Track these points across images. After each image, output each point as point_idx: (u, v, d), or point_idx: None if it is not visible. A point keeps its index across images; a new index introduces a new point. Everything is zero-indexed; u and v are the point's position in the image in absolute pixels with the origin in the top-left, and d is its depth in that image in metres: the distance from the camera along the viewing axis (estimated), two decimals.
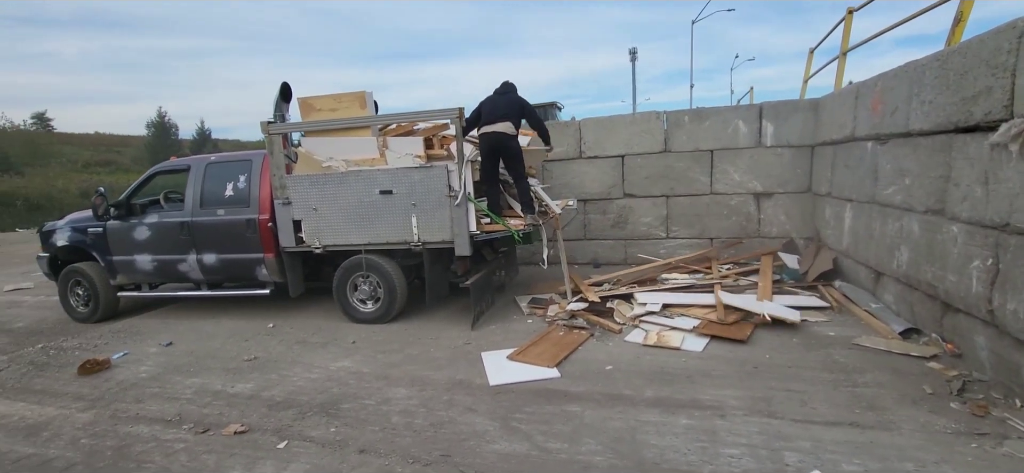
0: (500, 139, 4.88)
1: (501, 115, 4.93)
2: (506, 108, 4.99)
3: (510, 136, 4.90)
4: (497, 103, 5.05)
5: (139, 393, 3.84)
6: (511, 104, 5.02)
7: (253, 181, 5.53)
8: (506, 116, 4.93)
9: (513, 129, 4.93)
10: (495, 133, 4.88)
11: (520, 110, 5.04)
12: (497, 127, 4.89)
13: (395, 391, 3.61)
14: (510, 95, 5.11)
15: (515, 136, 4.97)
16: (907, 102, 4.11)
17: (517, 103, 5.04)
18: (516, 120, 4.98)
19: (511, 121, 4.93)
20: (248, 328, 5.36)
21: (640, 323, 4.67)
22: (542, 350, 4.17)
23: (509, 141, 4.90)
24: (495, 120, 4.92)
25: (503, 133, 4.88)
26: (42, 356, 4.86)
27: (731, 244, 6.75)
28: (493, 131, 4.90)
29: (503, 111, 4.96)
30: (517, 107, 5.02)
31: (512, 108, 4.99)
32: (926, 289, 3.87)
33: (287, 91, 5.42)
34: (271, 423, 3.26)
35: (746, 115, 6.64)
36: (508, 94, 5.12)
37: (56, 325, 6.07)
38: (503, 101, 5.05)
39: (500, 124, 4.90)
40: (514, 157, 4.97)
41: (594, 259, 7.42)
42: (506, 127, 4.89)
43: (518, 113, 5.01)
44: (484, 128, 4.96)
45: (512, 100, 5.06)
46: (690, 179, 6.92)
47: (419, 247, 5.02)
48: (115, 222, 5.94)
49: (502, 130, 4.88)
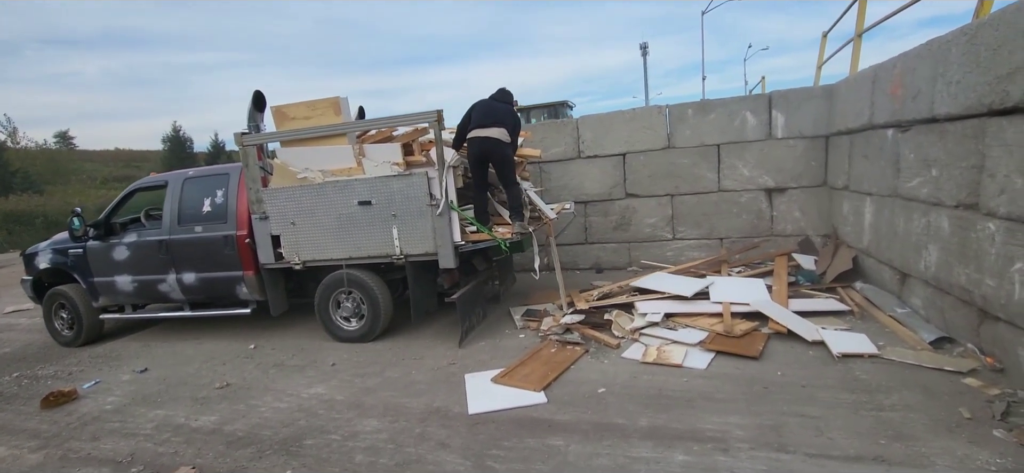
0: (492, 145, 4.55)
1: (496, 121, 4.60)
2: (503, 115, 4.67)
3: (504, 143, 4.58)
4: (492, 108, 4.72)
5: (97, 429, 3.59)
6: (509, 113, 4.73)
7: (230, 196, 5.28)
8: (502, 123, 4.61)
9: (507, 136, 4.61)
10: (487, 138, 4.55)
11: (514, 118, 4.77)
12: (491, 132, 4.56)
13: (365, 423, 3.29)
14: (509, 105, 4.83)
15: (509, 144, 4.65)
16: (931, 84, 3.67)
17: (514, 115, 4.78)
18: (512, 129, 4.67)
19: (506, 128, 4.60)
20: (227, 350, 5.10)
21: (640, 336, 4.29)
22: (530, 371, 3.82)
23: (502, 148, 4.58)
24: (489, 125, 4.59)
25: (496, 139, 4.55)
26: (13, 387, 4.67)
27: (746, 247, 6.31)
28: (485, 136, 4.57)
29: (499, 117, 4.63)
30: (514, 118, 4.75)
31: (509, 117, 4.70)
32: (959, 293, 3.42)
33: (260, 100, 5.15)
34: (225, 464, 2.97)
35: (754, 106, 6.20)
36: (507, 104, 4.83)
37: (41, 350, 5.91)
38: (501, 108, 4.74)
39: (494, 129, 4.57)
40: (505, 163, 4.64)
41: (596, 264, 7.04)
42: (500, 133, 4.56)
43: (514, 124, 4.73)
44: (474, 132, 4.62)
45: (511, 111, 4.78)
46: (696, 176, 6.50)
47: (401, 260, 4.71)
48: (95, 242, 5.75)
49: (496, 136, 4.55)
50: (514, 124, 4.76)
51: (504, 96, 4.93)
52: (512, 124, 4.70)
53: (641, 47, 38.62)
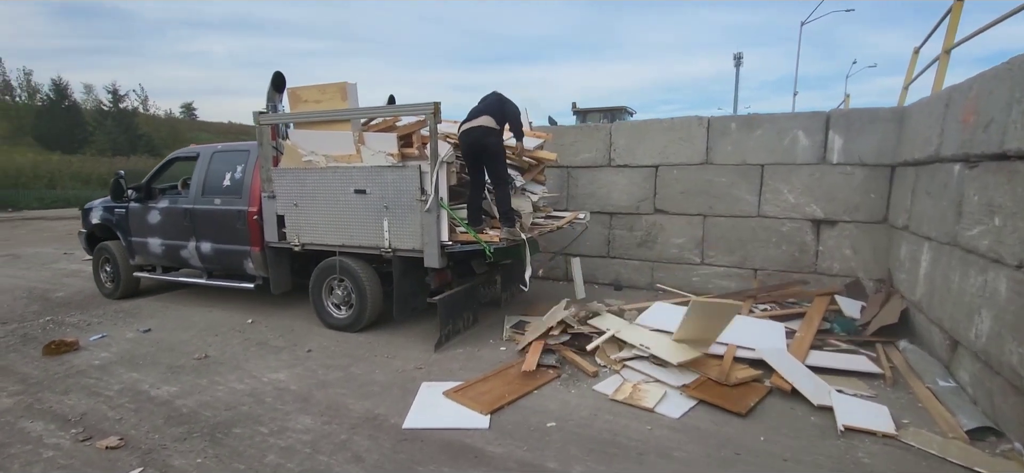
0: (477, 135, 4.31)
1: (481, 111, 4.37)
2: (489, 105, 4.43)
3: (488, 130, 4.31)
4: (481, 102, 4.51)
5: (73, 383, 3.77)
6: (495, 103, 4.46)
7: (247, 173, 5.42)
8: (486, 111, 4.36)
9: (493, 123, 4.34)
10: (471, 128, 4.32)
11: (500, 105, 4.45)
12: (477, 121, 4.33)
13: (300, 420, 3.17)
14: (497, 95, 4.55)
15: (496, 131, 4.37)
16: (1006, 111, 2.95)
17: (498, 99, 4.48)
18: (498, 116, 4.39)
19: (492, 116, 4.34)
20: (227, 322, 5.25)
21: (624, 367, 3.87)
22: (487, 390, 3.54)
23: (488, 137, 4.31)
24: (474, 116, 4.37)
25: (482, 127, 4.31)
26: (37, 330, 5.06)
27: (783, 285, 5.58)
28: (472, 126, 4.34)
29: (484, 107, 4.40)
30: (498, 102, 4.45)
31: (495, 106, 4.42)
32: (1010, 376, 2.72)
33: (280, 81, 5.23)
34: (151, 441, 2.96)
35: (808, 124, 5.46)
36: (492, 93, 4.56)
37: (86, 299, 6.41)
38: (488, 99, 4.51)
39: (480, 118, 4.33)
40: (494, 157, 4.38)
41: (616, 281, 6.57)
42: (485, 120, 4.31)
43: (499, 109, 4.43)
44: (464, 126, 4.42)
45: (495, 98, 4.50)
46: (733, 197, 5.85)
47: (390, 254, 4.59)
48: (135, 204, 6.15)
49: (481, 123, 4.31)
50: (503, 113, 4.45)
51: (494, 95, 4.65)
52: (499, 112, 4.41)
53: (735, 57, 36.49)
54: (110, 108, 39.13)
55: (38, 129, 34.02)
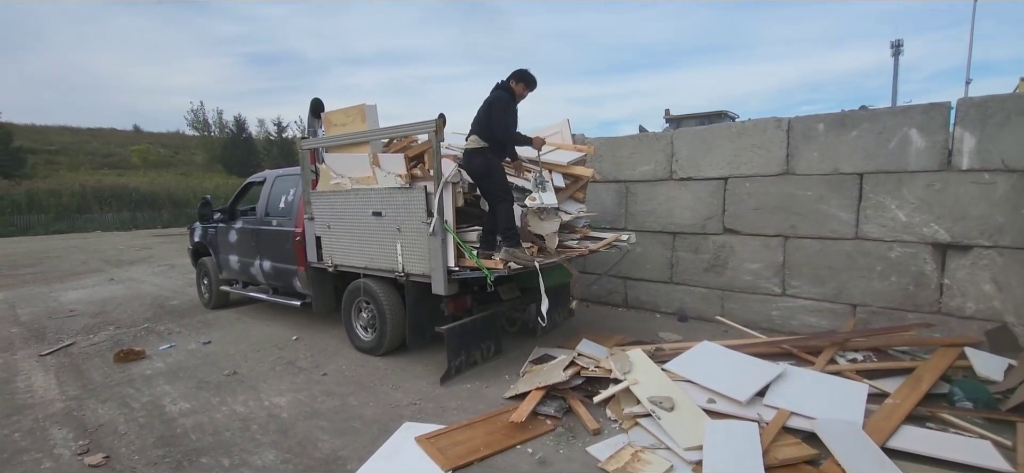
0: (463, 160, 4.00)
1: (471, 128, 4.05)
2: (475, 121, 4.09)
3: (472, 152, 3.98)
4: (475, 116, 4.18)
5: (115, 393, 4.14)
6: (480, 112, 4.09)
7: (297, 196, 5.69)
8: (474, 128, 4.02)
9: (478, 142, 3.98)
10: (462, 152, 4.01)
11: (487, 115, 4.05)
12: (466, 143, 4.02)
13: (263, 455, 3.09)
14: (484, 101, 4.16)
15: (479, 150, 4.01)
16: None
17: (485, 107, 4.08)
18: (485, 131, 4.01)
19: (478, 133, 3.98)
20: (275, 337, 5.52)
21: (637, 424, 3.23)
22: (465, 438, 3.16)
23: (471, 159, 3.99)
24: (468, 135, 4.06)
25: (466, 149, 3.98)
26: (130, 336, 5.78)
27: (893, 330, 4.36)
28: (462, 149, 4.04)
29: (473, 123, 4.07)
30: (484, 112, 4.06)
31: (479, 118, 4.06)
32: None
33: (317, 107, 5.40)
34: (130, 461, 3.07)
35: (924, 120, 4.23)
36: (484, 101, 4.18)
37: (190, 308, 7.24)
38: (478, 111, 4.14)
39: (468, 139, 4.01)
40: (481, 177, 4.02)
41: (680, 311, 5.73)
42: (471, 141, 3.98)
43: (485, 120, 4.04)
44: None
45: (483, 107, 4.12)
46: (822, 214, 4.75)
47: (403, 278, 4.43)
48: (222, 225, 6.83)
49: (466, 145, 3.99)
50: (488, 124, 4.00)
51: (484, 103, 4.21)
52: (485, 125, 4.00)
53: (892, 45, 31.53)
54: (275, 138, 45.61)
55: (225, 158, 40.84)
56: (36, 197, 24.51)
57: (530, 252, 4.27)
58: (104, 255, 14.14)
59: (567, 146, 5.23)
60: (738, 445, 2.83)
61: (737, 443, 2.85)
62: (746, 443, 2.84)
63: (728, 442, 2.86)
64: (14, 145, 30.78)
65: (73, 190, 25.99)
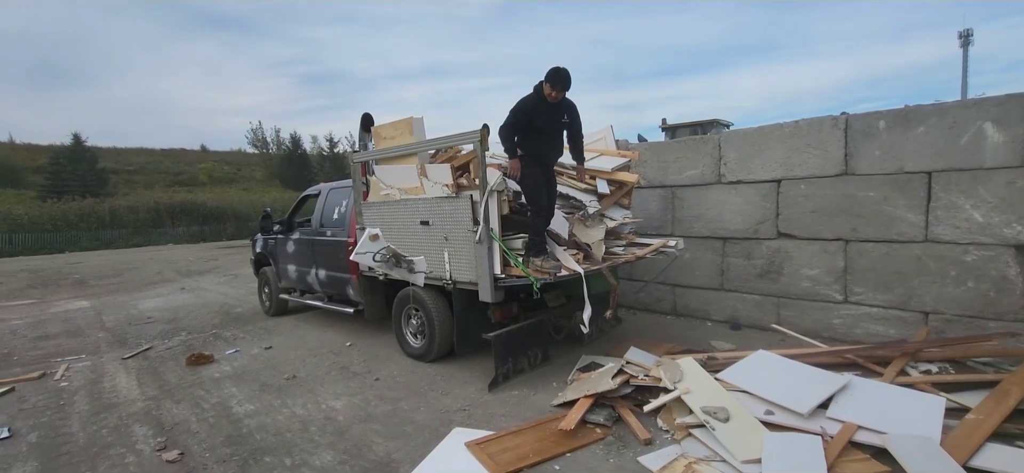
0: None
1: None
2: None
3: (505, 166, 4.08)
4: None
5: (188, 394, 4.44)
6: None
7: (350, 207, 5.93)
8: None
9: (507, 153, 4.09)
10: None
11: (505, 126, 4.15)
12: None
13: (322, 456, 3.23)
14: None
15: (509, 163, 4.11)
16: None
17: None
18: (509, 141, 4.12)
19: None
20: (331, 343, 5.75)
21: (690, 435, 3.15)
22: (515, 445, 3.18)
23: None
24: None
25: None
26: (199, 342, 6.18)
27: (971, 340, 4.05)
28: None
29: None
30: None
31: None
32: None
33: (367, 121, 5.62)
34: (202, 458, 3.29)
35: (1000, 113, 3.93)
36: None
37: (252, 315, 7.67)
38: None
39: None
40: (520, 185, 4.10)
41: (732, 318, 5.54)
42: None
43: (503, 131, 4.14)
44: None
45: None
46: (887, 217, 4.49)
47: (450, 286, 4.52)
48: (281, 236, 7.20)
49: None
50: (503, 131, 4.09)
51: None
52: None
53: (961, 36, 29.51)
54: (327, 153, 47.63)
55: (282, 173, 43.10)
56: (117, 213, 26.79)
57: (577, 259, 4.28)
58: (176, 266, 15.19)
59: (610, 152, 5.20)
60: (800, 458, 2.72)
61: (799, 456, 2.74)
62: (809, 457, 2.72)
63: (789, 455, 2.75)
64: (99, 166, 33.67)
65: (149, 206, 28.20)
